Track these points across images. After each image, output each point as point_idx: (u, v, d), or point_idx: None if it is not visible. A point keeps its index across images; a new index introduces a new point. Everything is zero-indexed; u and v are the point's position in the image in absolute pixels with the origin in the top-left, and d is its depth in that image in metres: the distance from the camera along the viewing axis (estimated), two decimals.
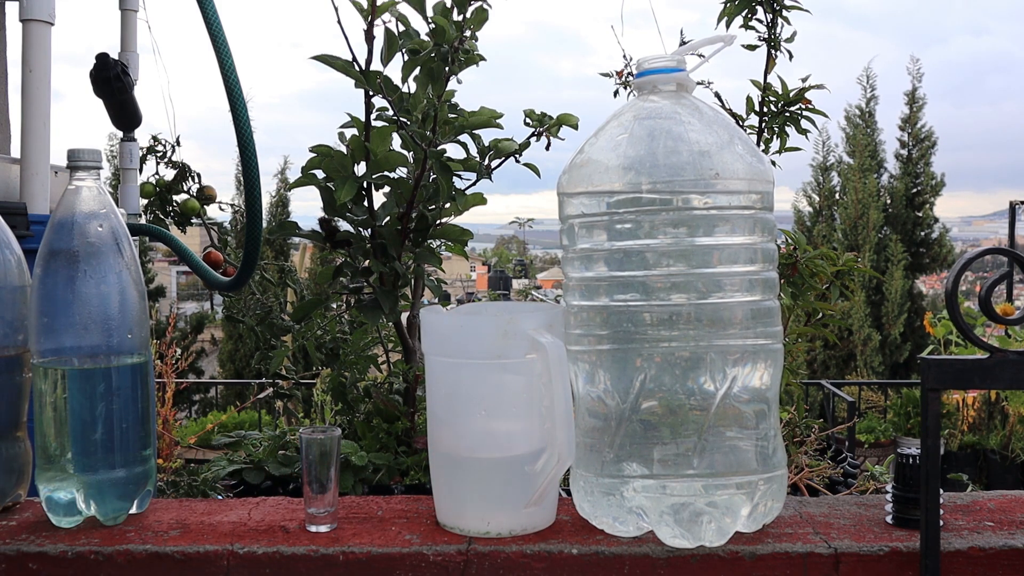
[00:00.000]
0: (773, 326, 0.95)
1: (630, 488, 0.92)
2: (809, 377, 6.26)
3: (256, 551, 0.91)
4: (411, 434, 1.38)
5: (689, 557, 0.89)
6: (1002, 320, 0.92)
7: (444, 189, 1.34)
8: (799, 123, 1.50)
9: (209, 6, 1.38)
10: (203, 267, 1.74)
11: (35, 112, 1.47)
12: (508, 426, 0.93)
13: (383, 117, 1.34)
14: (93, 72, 1.75)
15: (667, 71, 0.98)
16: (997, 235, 31.72)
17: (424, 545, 0.91)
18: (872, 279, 7.08)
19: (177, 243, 1.75)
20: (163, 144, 2.11)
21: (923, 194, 7.70)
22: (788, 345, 1.36)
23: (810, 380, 4.23)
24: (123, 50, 1.93)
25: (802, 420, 1.56)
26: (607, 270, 0.94)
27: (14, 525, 0.95)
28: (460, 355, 0.93)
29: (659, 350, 0.91)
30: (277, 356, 1.53)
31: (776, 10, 1.49)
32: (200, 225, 2.16)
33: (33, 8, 1.45)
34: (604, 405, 0.94)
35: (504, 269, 20.31)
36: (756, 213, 0.94)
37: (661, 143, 0.93)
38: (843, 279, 1.47)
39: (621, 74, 1.69)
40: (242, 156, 1.42)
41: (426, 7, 1.29)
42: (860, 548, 0.90)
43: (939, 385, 0.88)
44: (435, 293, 1.57)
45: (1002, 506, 1.03)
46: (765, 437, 0.93)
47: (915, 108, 7.79)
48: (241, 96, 1.38)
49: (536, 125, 1.41)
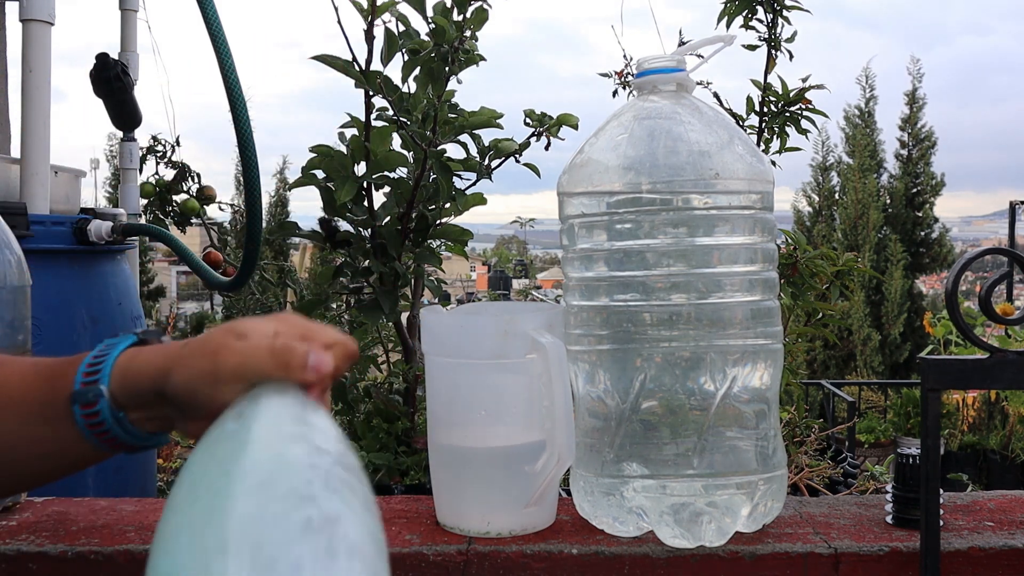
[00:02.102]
0: (773, 326, 0.95)
1: (630, 488, 0.91)
2: (809, 377, 6.26)
3: None
4: (411, 434, 1.38)
5: (689, 557, 0.89)
6: (1002, 320, 0.92)
7: (444, 189, 1.34)
8: (799, 123, 1.50)
9: (209, 6, 1.38)
10: (203, 267, 1.74)
11: (35, 112, 1.47)
12: (508, 426, 0.93)
13: (383, 117, 1.34)
14: (93, 72, 1.75)
15: (667, 71, 0.98)
16: (997, 235, 31.71)
17: (424, 545, 0.91)
18: (872, 279, 7.08)
19: (177, 243, 1.74)
20: (163, 144, 2.11)
21: (923, 194, 7.70)
22: (788, 345, 1.36)
23: (810, 380, 4.22)
24: (123, 50, 1.93)
25: (802, 420, 1.56)
26: (607, 270, 0.94)
27: (14, 525, 0.95)
28: (460, 355, 0.93)
29: (659, 350, 0.91)
30: None
31: (776, 10, 1.49)
32: (200, 225, 2.16)
33: (33, 8, 1.45)
34: (604, 405, 0.94)
35: (504, 269, 20.29)
36: (756, 213, 0.94)
37: (661, 143, 0.93)
38: (843, 279, 1.47)
39: (621, 74, 1.69)
40: (242, 156, 1.42)
41: (426, 7, 1.29)
42: (860, 548, 0.90)
43: (939, 385, 0.88)
44: (435, 293, 1.57)
45: (1002, 506, 1.03)
46: (765, 437, 0.93)
47: (915, 108, 7.80)
48: (241, 96, 1.39)
49: (536, 125, 1.41)
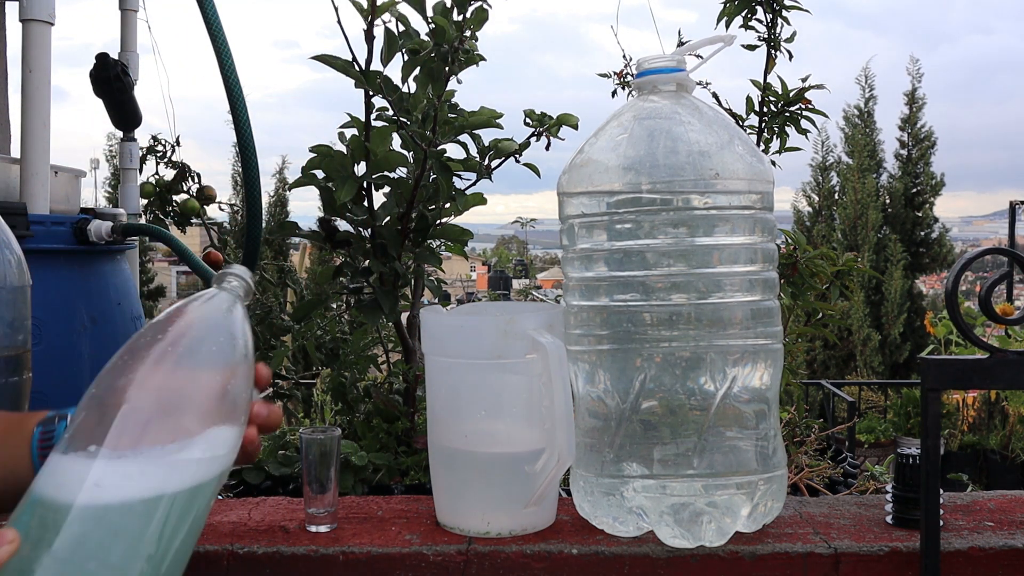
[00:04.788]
0: (773, 326, 0.95)
1: (630, 488, 0.91)
2: (809, 377, 6.25)
3: (256, 551, 0.91)
4: (411, 434, 1.38)
5: (689, 557, 0.89)
6: (1002, 320, 0.92)
7: (444, 189, 1.34)
8: (799, 123, 1.50)
9: (209, 6, 1.37)
10: (203, 267, 1.74)
11: (35, 112, 1.46)
12: (508, 426, 0.93)
13: (383, 117, 1.34)
14: (93, 72, 1.75)
15: (667, 71, 0.98)
16: (997, 235, 31.71)
17: (424, 545, 0.91)
18: (872, 279, 7.08)
19: (177, 243, 1.74)
20: (163, 144, 2.11)
21: (923, 194, 7.70)
22: (788, 345, 1.36)
23: (810, 380, 4.22)
24: (123, 50, 1.93)
25: (802, 420, 1.56)
26: (607, 270, 0.93)
27: None
28: (460, 355, 0.93)
29: (659, 350, 0.91)
30: (277, 356, 1.53)
31: (776, 10, 1.49)
32: (200, 225, 2.16)
33: (33, 8, 1.45)
34: (604, 405, 0.94)
35: (504, 269, 20.30)
36: (756, 213, 0.94)
37: (661, 143, 0.93)
38: (843, 279, 1.47)
39: (620, 74, 1.69)
40: (242, 156, 1.42)
41: (426, 7, 1.29)
42: (860, 548, 0.90)
43: (939, 385, 0.88)
44: (435, 293, 1.57)
45: (1002, 506, 1.03)
46: (765, 437, 0.93)
47: (915, 108, 7.80)
48: (241, 96, 1.38)
49: (536, 125, 1.41)
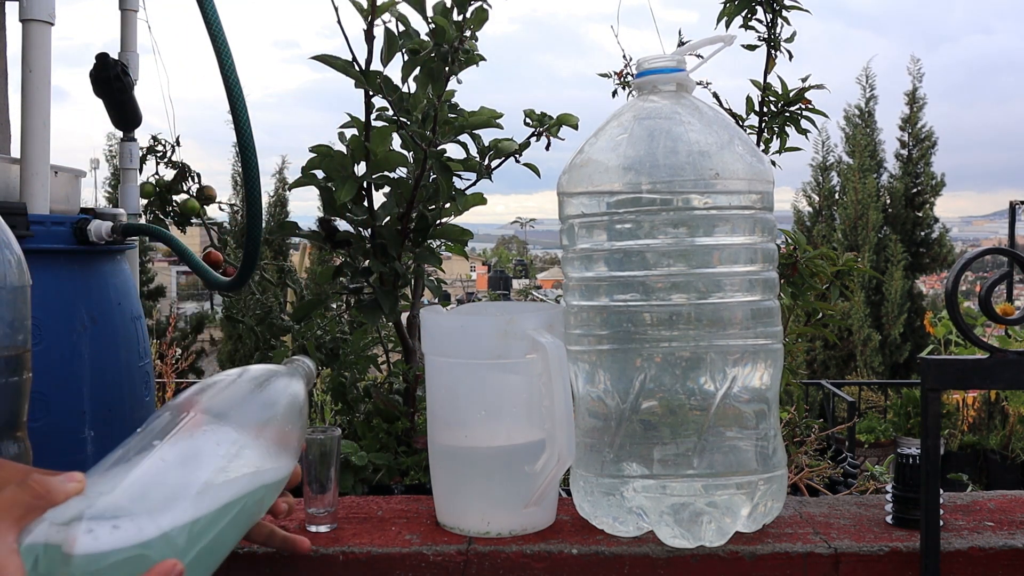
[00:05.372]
0: (773, 326, 0.95)
1: (630, 488, 0.91)
2: (809, 377, 6.25)
3: (256, 551, 0.91)
4: (411, 434, 1.38)
5: (689, 557, 0.89)
6: (1002, 320, 0.92)
7: (444, 189, 1.34)
8: (799, 123, 1.50)
9: (209, 6, 1.37)
10: (203, 267, 1.74)
11: (35, 112, 1.46)
12: (508, 426, 0.93)
13: (383, 117, 1.34)
14: (93, 72, 1.75)
15: (667, 71, 0.98)
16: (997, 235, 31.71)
17: (424, 545, 0.91)
18: (872, 279, 7.08)
19: (177, 243, 1.74)
20: (163, 144, 2.11)
21: (923, 194, 7.70)
22: (788, 345, 1.36)
23: (810, 380, 4.22)
24: (123, 50, 1.93)
25: (802, 420, 1.56)
26: (607, 270, 0.94)
27: None
28: (460, 355, 0.93)
29: (659, 350, 0.91)
30: (277, 356, 1.53)
31: (776, 10, 1.49)
32: (200, 225, 2.16)
33: (33, 8, 1.44)
34: (604, 405, 0.94)
35: (504, 269, 20.31)
36: (756, 213, 0.94)
37: (661, 143, 0.93)
38: (843, 279, 1.47)
39: (620, 74, 1.69)
40: (242, 156, 1.41)
41: (426, 7, 1.29)
42: (860, 548, 0.90)
43: (939, 385, 0.88)
44: (435, 293, 1.57)
45: (1002, 506, 1.03)
46: (765, 437, 0.93)
47: (915, 108, 7.80)
48: (241, 96, 1.38)
49: (536, 125, 1.41)
